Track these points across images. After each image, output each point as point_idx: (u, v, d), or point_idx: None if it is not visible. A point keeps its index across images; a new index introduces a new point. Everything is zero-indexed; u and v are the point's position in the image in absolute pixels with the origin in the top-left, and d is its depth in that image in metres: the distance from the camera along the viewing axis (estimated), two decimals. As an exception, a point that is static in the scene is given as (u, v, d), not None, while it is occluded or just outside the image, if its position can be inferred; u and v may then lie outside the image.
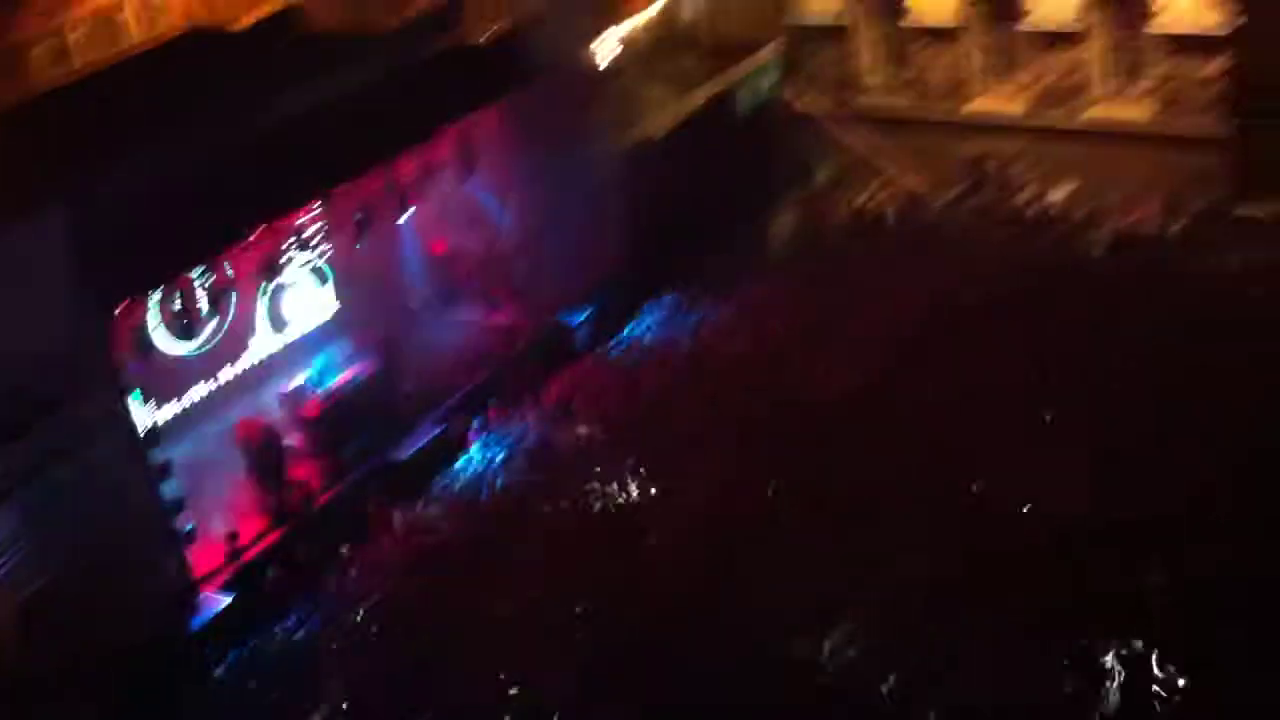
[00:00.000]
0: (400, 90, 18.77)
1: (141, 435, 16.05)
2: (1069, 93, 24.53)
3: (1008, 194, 24.79)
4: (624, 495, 17.36)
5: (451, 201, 21.99)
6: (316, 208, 19.06)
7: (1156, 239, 22.32)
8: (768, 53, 26.66)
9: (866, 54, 26.52)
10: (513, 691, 14.41)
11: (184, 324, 17.45)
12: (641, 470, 17.61)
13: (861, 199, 25.61)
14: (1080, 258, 22.09)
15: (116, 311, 15.97)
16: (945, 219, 24.29)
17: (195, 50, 20.01)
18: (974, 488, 16.07)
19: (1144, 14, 23.59)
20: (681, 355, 20.84)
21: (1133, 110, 24.03)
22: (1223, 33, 22.54)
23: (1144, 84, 23.99)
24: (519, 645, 14.93)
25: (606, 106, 22.89)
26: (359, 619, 16.17)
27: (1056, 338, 18.95)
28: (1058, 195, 24.21)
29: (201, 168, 16.26)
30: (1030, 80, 24.96)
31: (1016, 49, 25.09)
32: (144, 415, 16.35)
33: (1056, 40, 24.65)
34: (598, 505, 17.33)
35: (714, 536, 16.01)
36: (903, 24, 26.14)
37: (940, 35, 25.82)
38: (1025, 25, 24.85)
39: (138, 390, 16.34)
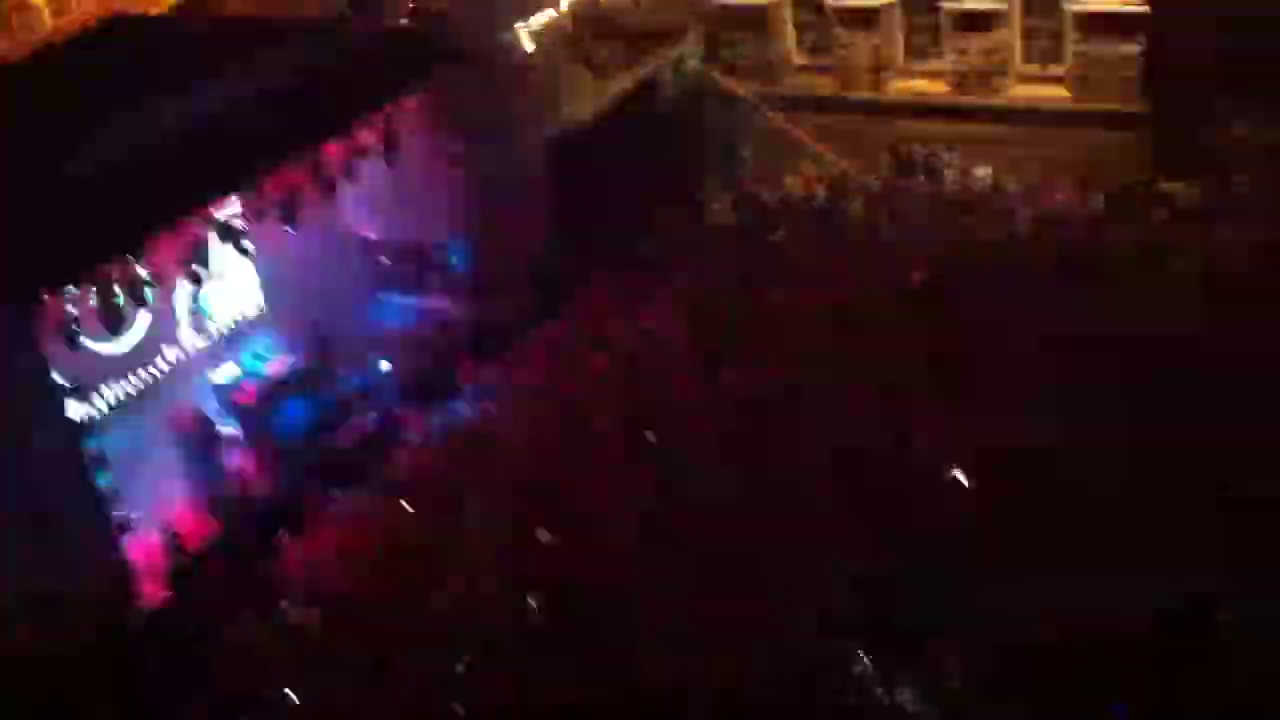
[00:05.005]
0: (323, 77, 18.64)
1: (75, 428, 15.73)
2: (990, 74, 24.91)
3: (932, 175, 25.17)
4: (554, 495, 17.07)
5: (379, 188, 21.79)
6: (242, 196, 18.74)
7: (1078, 216, 22.75)
8: (689, 39, 26.73)
9: (789, 37, 26.73)
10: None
11: (110, 316, 17.07)
12: (571, 464, 17.49)
13: (789, 182, 25.79)
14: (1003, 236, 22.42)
15: (41, 304, 15.60)
16: (872, 201, 24.50)
17: (117, 39, 19.69)
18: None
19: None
20: (617, 346, 20.75)
21: (1053, 90, 24.50)
22: (1139, 10, 23.07)
23: (1063, 64, 24.47)
24: (466, 627, 14.94)
25: (530, 93, 22.82)
26: (299, 611, 15.96)
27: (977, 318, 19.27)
28: (981, 175, 24.62)
29: (121, 158, 16.03)
30: (952, 62, 25.30)
31: (938, 31, 25.44)
32: (76, 408, 16.04)
33: (977, 21, 25.02)
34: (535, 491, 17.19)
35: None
36: (825, 6, 26.40)
37: (862, 17, 26.09)
38: (946, 7, 25.21)
39: (68, 383, 16.02)
